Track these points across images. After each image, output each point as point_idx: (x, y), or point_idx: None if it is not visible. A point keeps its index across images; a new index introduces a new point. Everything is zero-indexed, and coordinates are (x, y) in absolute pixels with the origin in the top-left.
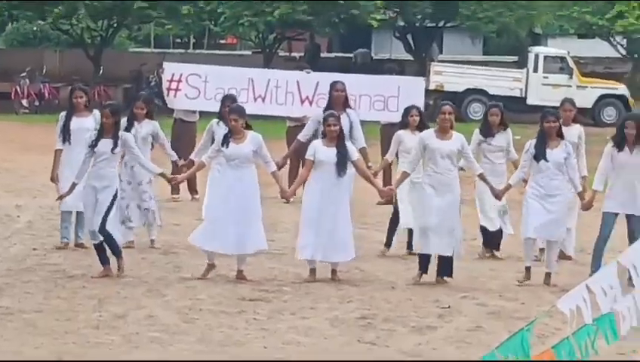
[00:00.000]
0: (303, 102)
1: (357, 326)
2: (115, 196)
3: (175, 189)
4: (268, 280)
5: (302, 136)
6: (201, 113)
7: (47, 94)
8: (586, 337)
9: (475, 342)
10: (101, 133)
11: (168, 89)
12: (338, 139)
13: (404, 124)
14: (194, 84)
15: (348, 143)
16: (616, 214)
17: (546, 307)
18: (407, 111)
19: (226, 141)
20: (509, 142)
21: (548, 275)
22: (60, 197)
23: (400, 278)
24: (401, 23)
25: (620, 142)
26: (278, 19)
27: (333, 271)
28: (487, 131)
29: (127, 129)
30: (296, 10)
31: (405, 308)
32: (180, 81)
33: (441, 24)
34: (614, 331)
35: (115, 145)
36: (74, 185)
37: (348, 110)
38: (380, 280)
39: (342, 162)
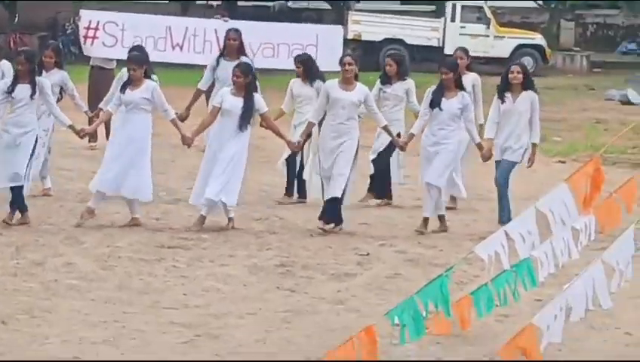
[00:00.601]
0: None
1: (276, 274)
2: (37, 141)
3: (93, 137)
4: (186, 228)
5: (201, 84)
6: (118, 61)
7: None
8: (504, 283)
9: (394, 289)
10: (17, 80)
11: (85, 37)
12: (247, 90)
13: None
14: (111, 32)
15: (256, 95)
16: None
17: (464, 254)
18: (294, 60)
19: (124, 88)
20: (407, 91)
21: (425, 220)
22: None
23: (317, 225)
24: None
25: (502, 92)
26: None
27: (229, 219)
28: (386, 79)
29: None
30: None
31: (324, 256)
32: (97, 28)
33: None
34: (532, 277)
35: (34, 91)
36: None
37: (242, 58)
38: (298, 228)
39: (247, 113)
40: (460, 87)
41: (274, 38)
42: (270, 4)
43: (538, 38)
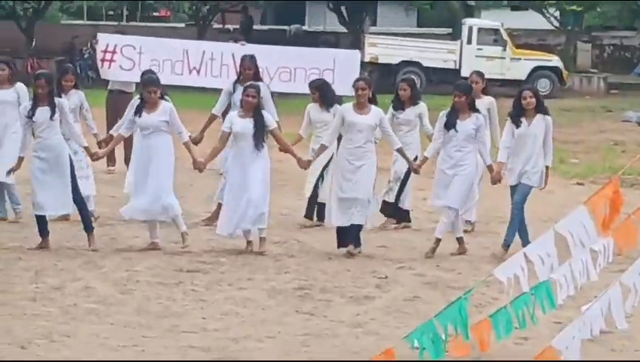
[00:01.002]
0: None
1: (294, 297)
2: (71, 162)
3: (111, 161)
4: (205, 252)
5: (215, 110)
6: (137, 85)
7: None
8: (523, 306)
9: (412, 312)
10: (36, 103)
11: (102, 60)
12: (254, 110)
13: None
14: (128, 55)
15: (264, 112)
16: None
17: (483, 277)
18: (309, 86)
19: (139, 111)
20: (420, 115)
21: (437, 241)
22: (12, 171)
23: (337, 249)
24: None
25: (516, 116)
26: None
27: (261, 239)
28: (398, 104)
29: None
30: None
31: (343, 279)
32: (114, 52)
33: None
34: (551, 300)
35: (53, 111)
36: (21, 159)
37: (259, 83)
38: (317, 251)
39: (259, 133)
40: (474, 109)
41: (291, 62)
42: (286, 28)
43: (555, 60)
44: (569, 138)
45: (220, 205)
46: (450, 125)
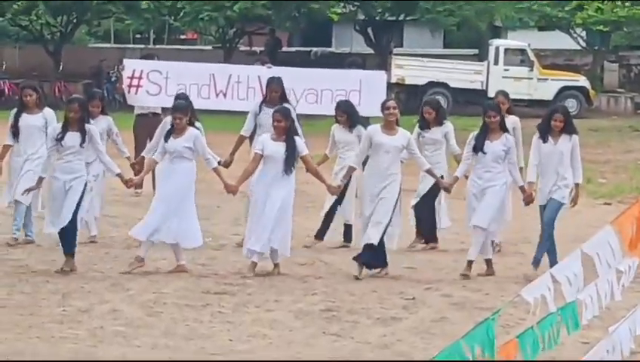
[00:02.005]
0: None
1: (321, 319)
2: (85, 187)
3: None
4: (232, 274)
5: (243, 131)
6: (163, 109)
7: (7, 91)
8: (549, 327)
9: (439, 333)
10: (66, 127)
11: (129, 86)
12: (287, 134)
13: (336, 118)
14: (155, 80)
15: (297, 138)
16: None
17: (510, 298)
18: (335, 109)
19: (167, 136)
20: (446, 134)
21: (469, 263)
22: (29, 190)
23: (364, 270)
24: (362, 17)
25: (544, 133)
26: (238, 14)
27: (275, 265)
28: (424, 123)
29: None
30: (256, 4)
31: (369, 300)
32: (140, 77)
33: (401, 17)
34: (576, 320)
35: (84, 139)
36: (41, 180)
37: (285, 105)
38: (344, 273)
39: (290, 158)
40: (504, 129)
41: (317, 84)
42: (314, 49)
43: (582, 80)
44: (597, 158)
45: None
46: (478, 148)
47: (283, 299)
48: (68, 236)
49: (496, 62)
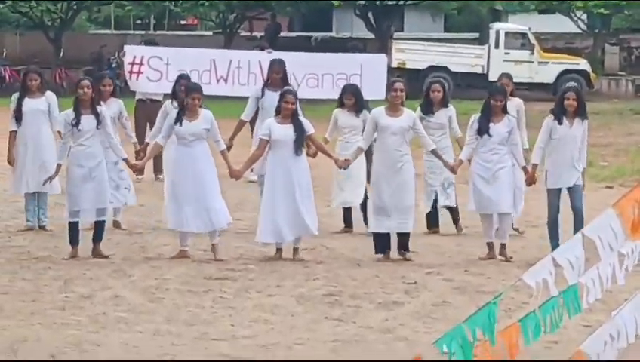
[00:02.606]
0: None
1: (323, 303)
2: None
3: (140, 170)
4: (234, 259)
5: (244, 116)
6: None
7: (7, 77)
8: (551, 310)
9: (441, 317)
10: (79, 110)
11: (130, 72)
12: (292, 116)
13: (341, 103)
14: (155, 66)
15: (302, 118)
16: (560, 189)
17: (511, 281)
18: (344, 92)
19: (179, 119)
20: (450, 118)
21: (503, 246)
22: (49, 179)
23: (365, 255)
24: (362, 2)
25: (559, 115)
26: None
27: (295, 250)
28: (428, 108)
29: None
30: None
31: (371, 285)
32: (141, 63)
33: (401, 2)
34: (578, 304)
35: (98, 120)
36: (59, 167)
37: (286, 87)
38: (346, 257)
39: (299, 139)
40: (505, 110)
41: (318, 69)
42: (314, 34)
43: (582, 64)
44: (598, 141)
45: None
46: (483, 131)
47: (285, 284)
48: (101, 226)
49: (496, 46)
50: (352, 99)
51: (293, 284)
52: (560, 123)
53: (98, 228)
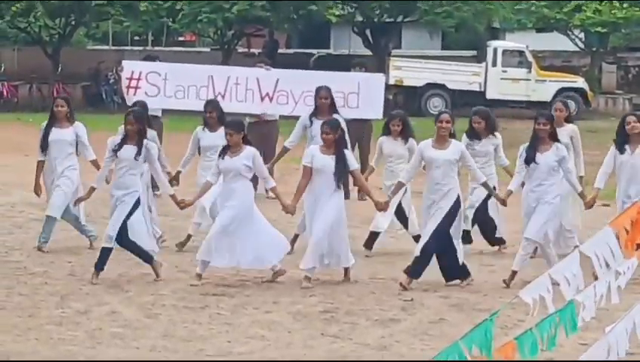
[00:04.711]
0: (263, 98)
1: (320, 320)
2: (138, 202)
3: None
4: (231, 275)
5: (288, 143)
6: (163, 111)
7: (5, 93)
8: (548, 328)
9: (438, 335)
10: (125, 140)
11: (128, 87)
12: (337, 147)
13: (387, 130)
14: (153, 81)
15: (347, 152)
16: None
17: (508, 299)
18: (391, 118)
19: (223, 154)
20: (496, 146)
21: (513, 273)
22: (79, 201)
23: (362, 272)
24: (360, 19)
25: (621, 144)
26: (237, 16)
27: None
28: (473, 135)
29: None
30: (255, 6)
31: (368, 302)
32: (139, 79)
33: (399, 19)
34: (574, 322)
35: (139, 152)
36: (92, 190)
37: (335, 116)
38: (342, 275)
39: (341, 172)
40: (554, 138)
41: (315, 86)
42: (315, 54)
43: (580, 82)
44: (595, 159)
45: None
46: (529, 159)
47: (281, 300)
48: (104, 253)
49: (494, 64)
50: (400, 125)
51: (290, 301)
52: (622, 152)
53: (102, 254)
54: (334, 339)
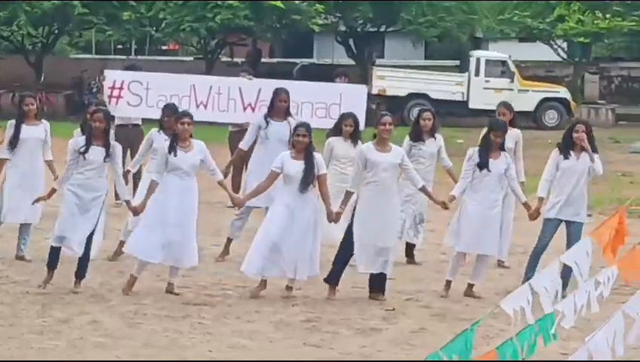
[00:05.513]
0: (245, 108)
1: (302, 329)
2: (102, 207)
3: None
4: (212, 285)
5: (243, 144)
6: (144, 120)
7: None
8: (528, 338)
9: (419, 344)
10: (90, 140)
11: (110, 96)
12: (306, 152)
13: (337, 131)
14: (136, 91)
15: (317, 155)
16: (560, 221)
17: (490, 309)
18: (343, 118)
19: (173, 149)
20: (440, 148)
21: (470, 286)
22: (38, 200)
23: (344, 282)
24: (343, 28)
25: (566, 149)
26: (220, 25)
27: (289, 288)
28: (418, 136)
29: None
30: (238, 15)
31: (350, 311)
32: (121, 88)
33: (382, 29)
34: (554, 332)
35: (108, 154)
36: (54, 191)
37: (289, 118)
38: (324, 284)
39: (308, 176)
40: (503, 148)
41: (297, 97)
42: (297, 60)
43: (562, 92)
44: None
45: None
46: (483, 165)
47: (263, 309)
48: (83, 262)
49: (477, 74)
50: (353, 126)
51: (272, 310)
52: (566, 158)
53: (81, 264)
54: (316, 349)
